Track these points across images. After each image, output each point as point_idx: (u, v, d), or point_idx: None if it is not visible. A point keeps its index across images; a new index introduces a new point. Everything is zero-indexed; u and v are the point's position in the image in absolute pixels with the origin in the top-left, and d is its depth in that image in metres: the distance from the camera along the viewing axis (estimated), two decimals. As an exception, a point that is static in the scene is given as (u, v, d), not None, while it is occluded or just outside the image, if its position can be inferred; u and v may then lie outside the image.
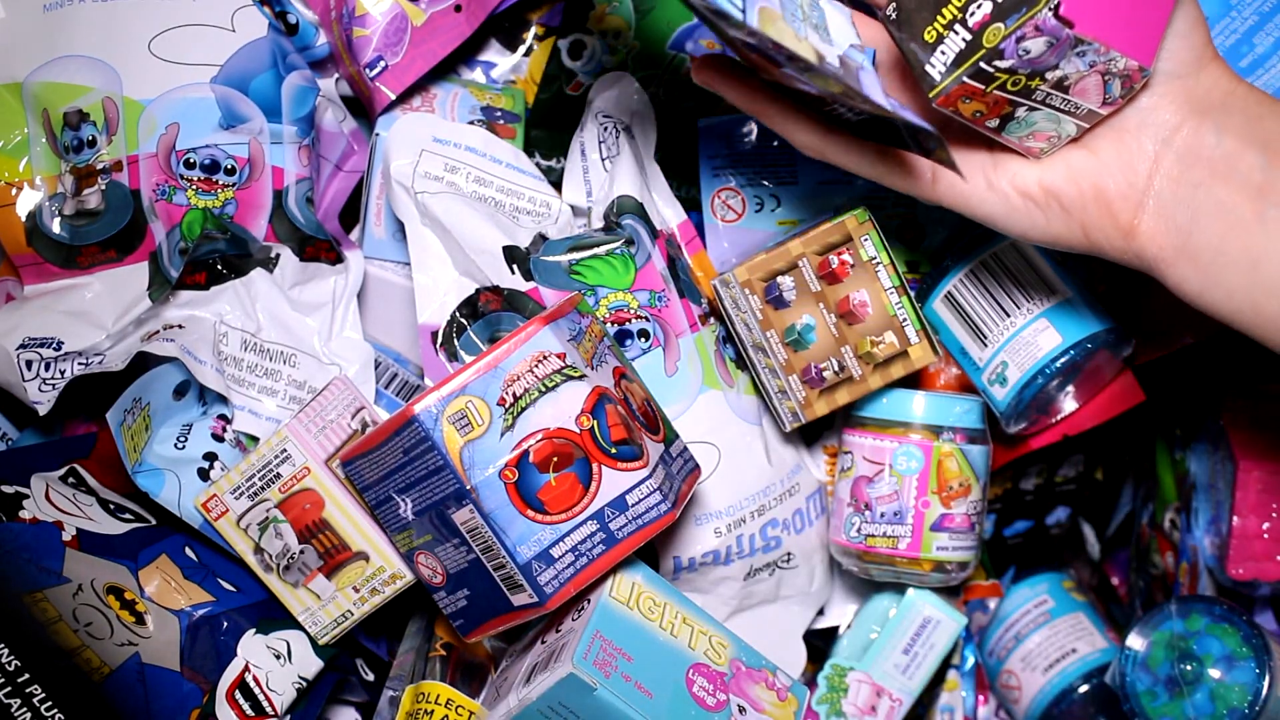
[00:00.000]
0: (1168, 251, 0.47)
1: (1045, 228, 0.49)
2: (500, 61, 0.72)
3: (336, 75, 0.69)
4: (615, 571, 0.54)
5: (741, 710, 0.52)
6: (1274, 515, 0.65)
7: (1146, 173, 0.47)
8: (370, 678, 0.65)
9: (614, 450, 0.51)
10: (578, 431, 0.50)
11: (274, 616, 0.59)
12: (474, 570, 0.51)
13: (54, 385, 0.60)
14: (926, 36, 0.45)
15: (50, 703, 0.52)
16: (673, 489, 0.53)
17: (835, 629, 0.70)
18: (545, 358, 0.51)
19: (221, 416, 0.62)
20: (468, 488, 0.49)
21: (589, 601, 0.53)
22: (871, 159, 0.51)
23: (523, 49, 0.72)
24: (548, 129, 0.70)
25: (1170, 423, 0.75)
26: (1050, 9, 0.43)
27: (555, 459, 0.50)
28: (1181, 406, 0.74)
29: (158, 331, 0.61)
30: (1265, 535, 0.66)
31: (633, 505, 0.51)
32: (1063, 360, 0.63)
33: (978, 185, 0.50)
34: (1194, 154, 0.47)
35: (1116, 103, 0.47)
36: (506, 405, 0.50)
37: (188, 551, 0.61)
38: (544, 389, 0.50)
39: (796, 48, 0.43)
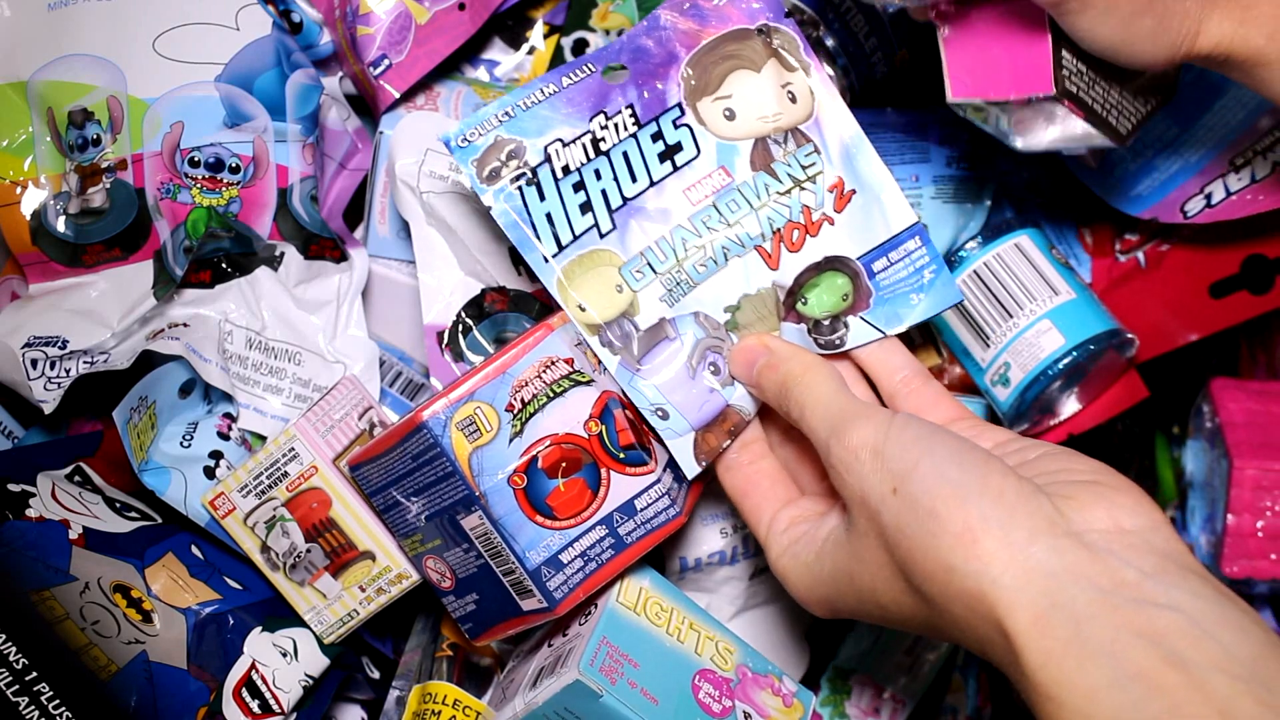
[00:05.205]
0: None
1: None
2: (504, 60, 0.71)
3: (340, 73, 0.69)
4: (623, 576, 0.54)
5: (747, 716, 0.52)
6: (1268, 513, 0.65)
7: None
8: (376, 676, 0.66)
9: (622, 455, 0.51)
10: (586, 437, 0.50)
11: (280, 614, 0.59)
12: (483, 575, 0.51)
13: (59, 384, 0.60)
14: None
15: (58, 701, 0.52)
16: (681, 493, 0.53)
17: (839, 629, 0.71)
18: (553, 363, 0.51)
19: (227, 415, 0.62)
20: (477, 494, 0.49)
21: (596, 606, 0.53)
22: None
23: (526, 47, 0.71)
24: (552, 127, 0.70)
25: (1170, 420, 0.76)
26: None
27: (564, 464, 0.50)
28: (1180, 404, 0.74)
29: (163, 330, 0.61)
30: (1260, 533, 0.66)
31: (641, 510, 0.51)
32: (1066, 361, 0.63)
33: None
34: None
35: None
36: (515, 411, 0.50)
37: (194, 550, 0.61)
38: (552, 394, 0.50)
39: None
